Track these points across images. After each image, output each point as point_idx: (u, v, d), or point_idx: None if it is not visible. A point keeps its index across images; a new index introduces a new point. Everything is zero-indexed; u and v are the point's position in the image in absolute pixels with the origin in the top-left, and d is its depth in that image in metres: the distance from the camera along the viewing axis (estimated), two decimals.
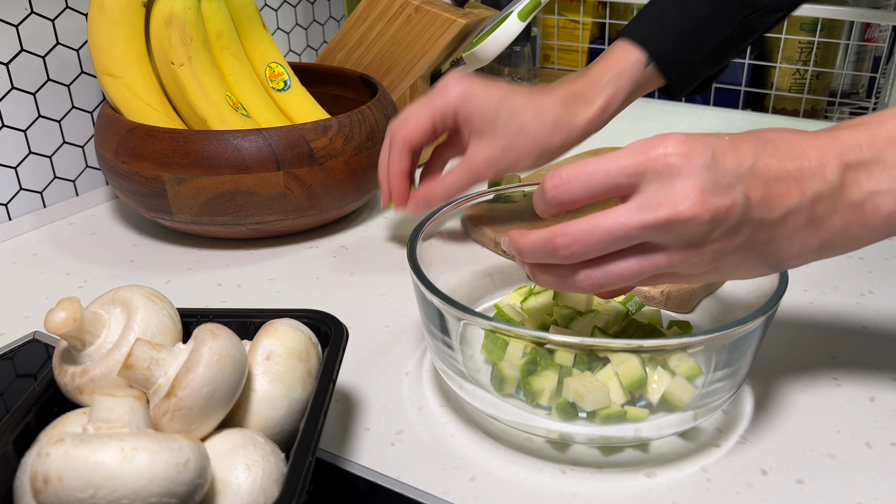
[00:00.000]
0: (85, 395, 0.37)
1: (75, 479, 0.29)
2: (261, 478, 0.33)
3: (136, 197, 0.65)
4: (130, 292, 0.38)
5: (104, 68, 0.66)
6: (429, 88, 0.84)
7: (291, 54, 1.00)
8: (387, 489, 0.40)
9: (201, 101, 0.66)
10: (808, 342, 0.53)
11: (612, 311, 0.49)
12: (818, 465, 0.42)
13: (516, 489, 0.40)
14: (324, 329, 0.42)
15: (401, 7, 0.79)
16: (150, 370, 0.34)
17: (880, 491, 0.40)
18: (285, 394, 0.37)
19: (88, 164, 0.77)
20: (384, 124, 0.69)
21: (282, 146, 0.62)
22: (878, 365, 0.50)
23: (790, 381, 0.49)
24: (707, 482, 0.41)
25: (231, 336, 0.36)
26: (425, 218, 0.50)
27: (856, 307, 0.57)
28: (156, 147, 0.62)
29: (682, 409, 0.42)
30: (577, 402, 0.41)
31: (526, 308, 0.51)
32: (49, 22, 0.71)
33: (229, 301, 0.59)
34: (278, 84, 0.76)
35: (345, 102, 0.82)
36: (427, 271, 0.44)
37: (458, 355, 0.44)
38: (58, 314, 0.35)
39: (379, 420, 0.45)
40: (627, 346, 0.41)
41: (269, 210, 0.64)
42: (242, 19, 0.74)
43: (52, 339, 0.54)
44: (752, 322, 0.39)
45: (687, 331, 0.49)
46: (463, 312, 0.40)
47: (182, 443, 0.31)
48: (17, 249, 0.68)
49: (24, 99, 0.70)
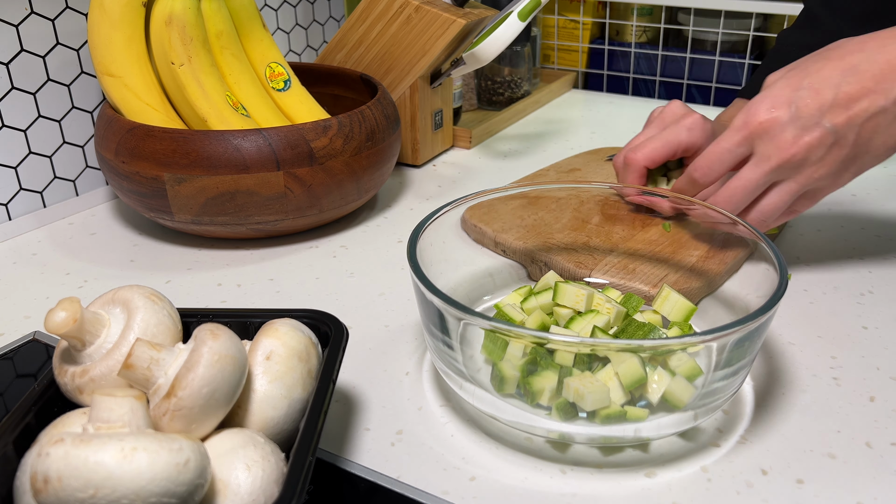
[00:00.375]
0: (85, 395, 0.37)
1: (75, 479, 0.29)
2: (261, 478, 0.33)
3: (136, 197, 0.65)
4: (130, 292, 0.38)
5: (104, 68, 0.66)
6: (429, 88, 0.84)
7: (291, 54, 1.00)
8: (387, 489, 0.40)
9: (201, 101, 0.66)
10: (808, 342, 0.53)
11: (612, 311, 0.48)
12: (818, 465, 0.42)
13: (516, 489, 0.40)
14: (324, 329, 0.42)
15: (401, 7, 0.79)
16: (150, 370, 0.34)
17: (880, 491, 0.40)
18: (285, 394, 0.37)
19: (88, 164, 0.77)
20: (384, 124, 0.69)
21: (282, 146, 0.62)
22: (878, 365, 0.50)
23: (790, 381, 0.49)
24: (707, 482, 0.41)
25: (231, 336, 0.36)
26: (425, 218, 0.50)
27: (856, 307, 0.57)
28: (156, 147, 0.62)
29: (682, 409, 0.42)
30: (577, 402, 0.41)
31: (526, 308, 0.51)
32: (49, 22, 0.70)
33: (229, 301, 0.59)
34: (278, 84, 0.76)
35: (345, 102, 0.82)
36: (427, 271, 0.44)
37: (458, 355, 0.44)
38: (58, 314, 0.35)
39: (379, 420, 0.45)
40: (627, 346, 0.41)
41: (269, 210, 0.64)
42: (242, 19, 0.74)
43: (52, 339, 0.54)
44: (751, 322, 0.39)
45: (687, 331, 0.49)
46: (463, 312, 0.40)
47: (182, 443, 0.31)
48: (17, 249, 0.68)
49: (24, 99, 0.70)
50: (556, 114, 1.07)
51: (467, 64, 0.79)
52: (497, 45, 0.76)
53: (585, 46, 1.21)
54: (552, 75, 1.19)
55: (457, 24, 0.77)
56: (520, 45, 1.02)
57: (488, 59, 0.78)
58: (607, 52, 1.20)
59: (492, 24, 0.77)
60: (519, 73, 1.04)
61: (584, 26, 1.19)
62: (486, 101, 1.06)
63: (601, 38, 1.21)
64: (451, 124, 0.92)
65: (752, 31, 1.09)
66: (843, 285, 0.60)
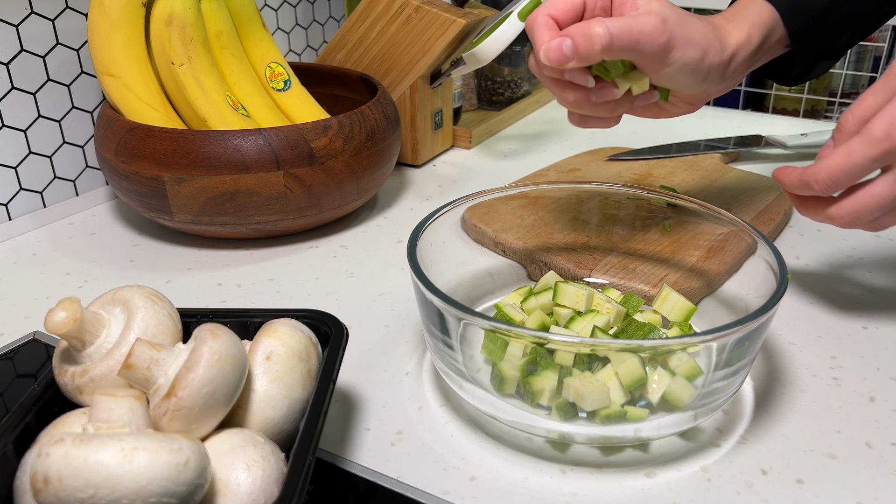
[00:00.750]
0: (85, 395, 0.37)
1: (75, 479, 0.29)
2: (261, 478, 0.33)
3: (136, 197, 0.65)
4: (130, 292, 0.38)
5: (104, 68, 0.66)
6: (429, 88, 0.84)
7: (291, 54, 1.00)
8: (387, 489, 0.40)
9: (201, 101, 0.66)
10: (808, 342, 0.53)
11: (612, 311, 0.49)
12: (818, 465, 0.42)
13: (516, 489, 0.40)
14: (324, 329, 0.42)
15: (401, 7, 0.79)
16: (150, 370, 0.34)
17: (880, 491, 0.40)
18: (285, 394, 0.37)
19: (88, 164, 0.77)
20: (384, 124, 0.69)
21: (282, 146, 0.62)
22: (878, 365, 0.50)
23: (790, 381, 0.49)
24: (707, 482, 0.41)
25: (231, 336, 0.36)
26: (425, 218, 0.50)
27: (856, 307, 0.57)
28: (156, 147, 0.62)
29: (682, 409, 0.42)
30: (577, 402, 0.41)
31: (526, 308, 0.51)
32: (49, 22, 0.70)
33: (229, 301, 0.59)
34: (278, 84, 0.76)
35: (345, 102, 0.82)
36: (427, 271, 0.44)
37: (458, 355, 0.44)
38: (58, 314, 0.35)
39: (379, 420, 0.45)
40: (627, 346, 0.41)
41: (269, 210, 0.64)
42: (242, 19, 0.74)
43: (52, 339, 0.54)
44: (751, 322, 0.39)
45: (687, 331, 0.49)
46: (463, 312, 0.40)
47: (182, 443, 0.31)
48: (17, 249, 0.68)
49: (24, 99, 0.70)
50: (556, 114, 1.07)
51: (467, 64, 0.79)
52: (497, 45, 0.76)
53: None
54: None
55: (457, 24, 0.77)
56: (520, 45, 1.02)
57: (488, 59, 0.78)
58: None
59: (492, 24, 0.77)
60: (519, 73, 1.04)
61: None
62: (486, 101, 1.06)
63: None
64: (451, 124, 0.92)
65: None
66: (843, 285, 0.60)
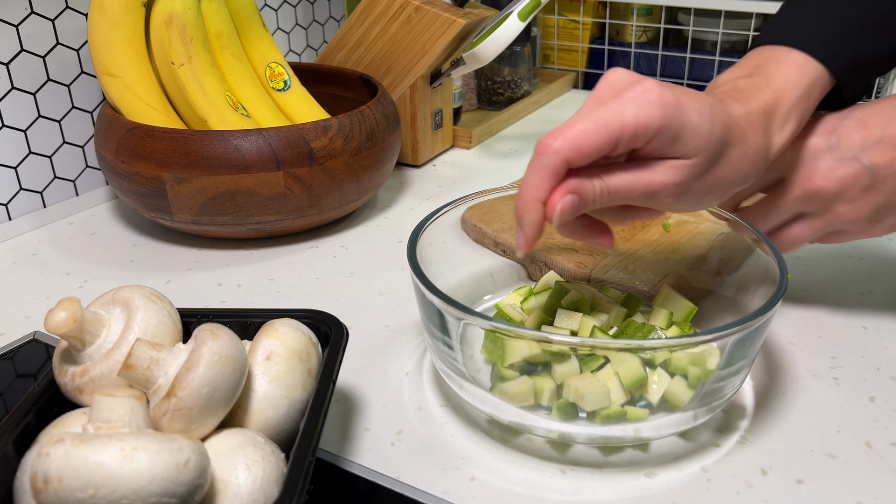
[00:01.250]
0: (85, 395, 0.37)
1: (75, 479, 0.29)
2: (261, 478, 0.33)
3: (136, 197, 0.65)
4: (130, 292, 0.38)
5: (104, 68, 0.66)
6: (429, 88, 0.84)
7: (291, 54, 1.00)
8: (387, 489, 0.40)
9: (201, 101, 0.66)
10: (808, 342, 0.53)
11: (612, 311, 0.48)
12: (818, 465, 0.42)
13: (516, 489, 0.40)
14: (324, 329, 0.42)
15: (401, 7, 0.79)
16: (150, 370, 0.34)
17: (880, 491, 0.40)
18: (285, 394, 0.37)
19: (88, 164, 0.77)
20: (384, 124, 0.69)
21: (282, 146, 0.62)
22: (878, 365, 0.50)
23: (790, 381, 0.49)
24: (707, 482, 0.41)
25: (231, 336, 0.36)
26: (425, 218, 0.50)
27: (856, 307, 0.57)
28: (156, 147, 0.62)
29: (682, 409, 0.42)
30: (577, 402, 0.41)
31: (526, 308, 0.51)
32: (49, 22, 0.70)
33: (229, 301, 0.59)
34: (278, 84, 0.76)
35: (345, 102, 0.82)
36: (427, 271, 0.44)
37: (458, 355, 0.44)
38: (58, 314, 0.35)
39: (379, 420, 0.45)
40: (627, 346, 0.41)
41: (269, 210, 0.64)
42: (242, 19, 0.74)
43: (52, 339, 0.54)
44: (751, 322, 0.39)
45: (687, 331, 0.49)
46: (463, 312, 0.40)
47: (182, 443, 0.31)
48: (17, 249, 0.68)
49: (24, 99, 0.70)
50: (556, 114, 1.07)
51: (467, 64, 0.79)
52: (497, 45, 0.76)
53: (585, 46, 1.21)
54: (552, 75, 1.19)
55: (457, 24, 0.77)
56: (520, 45, 1.02)
57: (488, 59, 0.78)
58: (607, 52, 1.20)
59: (492, 24, 0.77)
60: (519, 73, 1.04)
61: (584, 26, 1.19)
62: (486, 101, 1.06)
63: (601, 38, 1.21)
64: (451, 124, 0.92)
65: (752, 31, 1.09)
66: (843, 285, 0.60)
